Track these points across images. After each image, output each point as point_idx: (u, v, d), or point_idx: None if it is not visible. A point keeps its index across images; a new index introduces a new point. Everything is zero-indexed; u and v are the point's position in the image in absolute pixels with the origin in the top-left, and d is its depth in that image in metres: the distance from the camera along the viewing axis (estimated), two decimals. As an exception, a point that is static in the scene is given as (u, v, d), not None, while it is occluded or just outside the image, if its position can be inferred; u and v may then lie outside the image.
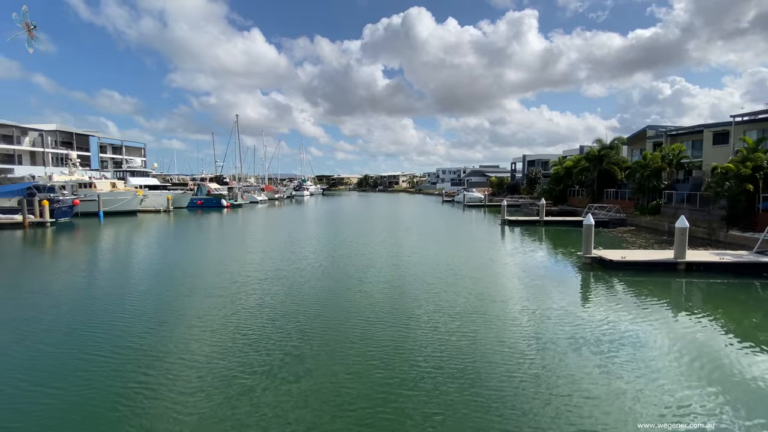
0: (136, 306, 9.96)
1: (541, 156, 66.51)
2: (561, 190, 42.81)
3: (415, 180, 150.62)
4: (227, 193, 53.85)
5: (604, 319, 9.13)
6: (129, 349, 7.36)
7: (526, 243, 21.21)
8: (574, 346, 7.58)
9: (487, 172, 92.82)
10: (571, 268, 14.78)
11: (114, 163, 69.10)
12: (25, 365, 6.77)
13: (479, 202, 54.28)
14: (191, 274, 13.96)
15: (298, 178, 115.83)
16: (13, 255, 18.91)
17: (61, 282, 12.99)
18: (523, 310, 9.71)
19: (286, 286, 11.77)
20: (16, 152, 52.93)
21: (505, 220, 30.18)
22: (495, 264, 15.65)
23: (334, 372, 6.52)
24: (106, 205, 35.96)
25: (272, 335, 8.01)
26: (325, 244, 20.29)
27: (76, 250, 20.36)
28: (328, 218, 37.67)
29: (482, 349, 7.37)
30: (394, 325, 8.60)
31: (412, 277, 12.97)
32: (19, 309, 9.85)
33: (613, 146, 36.25)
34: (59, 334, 8.17)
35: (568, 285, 12.54)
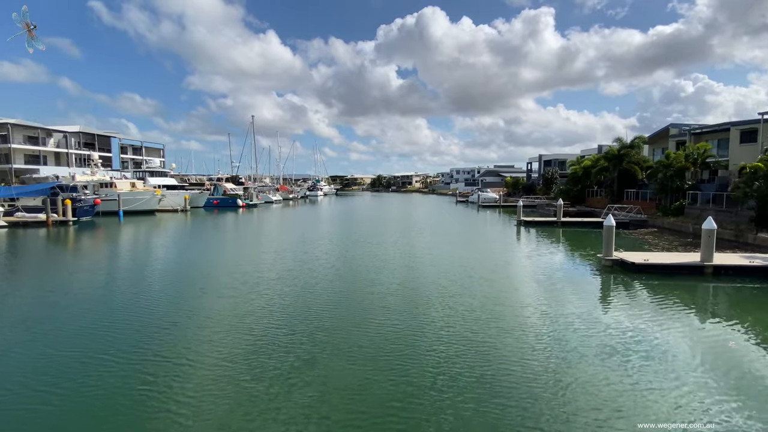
0: (151, 305, 10.04)
1: (557, 156, 65.26)
2: (579, 191, 41.88)
3: (428, 180, 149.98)
4: (243, 193, 54.57)
5: (626, 324, 8.77)
6: (143, 349, 7.39)
7: (543, 244, 20.75)
8: (595, 352, 7.28)
9: (502, 172, 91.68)
10: (590, 271, 14.35)
11: (134, 164, 70.82)
12: (39, 364, 6.84)
13: (494, 203, 53.59)
14: (206, 273, 14.09)
15: (312, 179, 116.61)
16: (36, 253, 19.45)
17: (80, 281, 13.25)
18: (541, 314, 9.41)
19: (299, 287, 11.71)
20: (41, 153, 54.75)
21: (521, 220, 29.65)
22: (511, 266, 15.31)
23: (345, 376, 6.39)
24: (125, 204, 36.83)
25: (284, 337, 7.92)
26: (338, 244, 20.25)
27: (97, 248, 20.83)
28: (341, 218, 37.73)
29: (498, 355, 7.13)
30: (407, 328, 8.42)
31: (426, 279, 12.75)
32: (38, 307, 10.06)
33: (633, 145, 35.24)
34: (74, 333, 8.26)
35: (588, 288, 12.16)
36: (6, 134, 49.64)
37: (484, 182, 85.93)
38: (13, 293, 11.59)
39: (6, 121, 49.71)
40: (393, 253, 17.28)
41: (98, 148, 59.27)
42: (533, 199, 49.69)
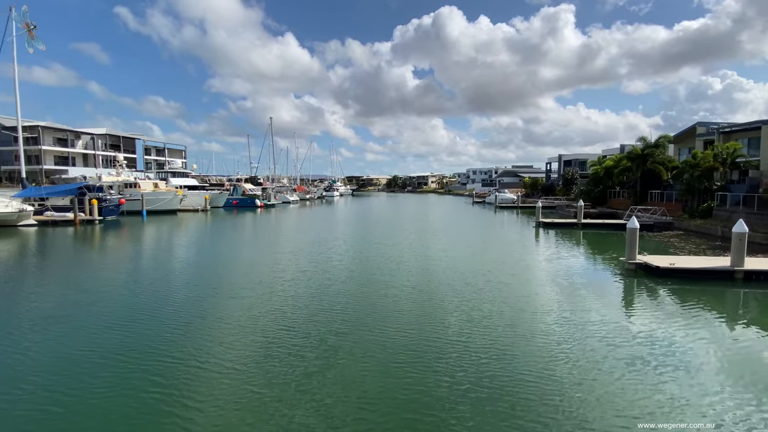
0: (169, 305, 10.19)
1: (578, 156, 63.85)
2: (600, 192, 40.84)
3: (444, 181, 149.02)
4: (261, 193, 55.42)
5: (650, 330, 8.46)
6: (157, 349, 7.46)
7: (563, 247, 20.28)
8: (618, 361, 7.04)
9: (520, 173, 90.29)
10: (612, 275, 13.92)
11: (157, 165, 72.82)
12: (55, 364, 6.93)
13: (512, 204, 52.82)
14: (224, 274, 14.34)
15: (328, 179, 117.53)
16: (63, 251, 20.19)
17: (102, 279, 13.65)
18: (562, 320, 9.16)
19: (313, 289, 11.70)
20: (70, 154, 56.91)
21: (540, 222, 29.10)
22: (530, 269, 14.96)
23: (358, 383, 6.26)
24: (148, 204, 37.90)
25: (297, 341, 7.84)
26: (353, 245, 20.28)
27: (120, 247, 21.48)
28: (357, 219, 37.84)
29: (516, 363, 6.92)
30: (422, 335, 8.23)
31: (441, 282, 12.52)
32: (60, 306, 10.29)
33: (658, 144, 34.13)
34: (92, 333, 8.38)
35: (610, 293, 11.77)
36: (37, 136, 51.80)
37: (502, 183, 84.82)
38: (37, 291, 11.96)
39: (37, 124, 51.88)
40: (408, 255, 17.16)
41: (123, 150, 61.33)
42: (553, 200, 48.74)
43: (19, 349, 7.49)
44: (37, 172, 49.76)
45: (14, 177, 45.56)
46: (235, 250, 19.67)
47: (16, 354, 7.28)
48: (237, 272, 14.31)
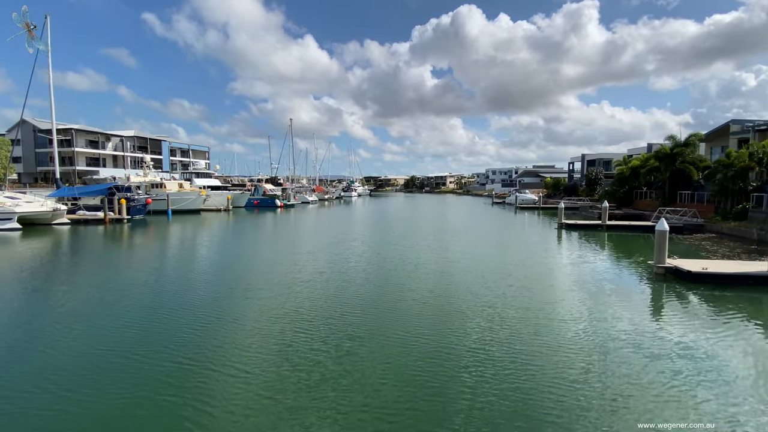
0: (188, 305, 10.20)
1: (602, 155, 62.12)
2: (626, 192, 39.59)
3: (463, 181, 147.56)
4: (281, 193, 56.31)
5: (682, 338, 8.11)
6: (173, 349, 7.47)
7: (587, 249, 19.73)
8: (648, 370, 6.77)
9: (541, 173, 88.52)
10: (640, 280, 13.42)
11: (182, 165, 74.97)
12: (75, 362, 6.99)
13: (532, 204, 51.84)
14: (243, 273, 14.59)
15: (346, 180, 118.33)
16: (94, 248, 20.99)
17: (127, 277, 14.04)
18: (587, 327, 8.87)
19: (330, 290, 11.62)
20: (100, 156, 59.25)
21: (563, 223, 28.42)
22: (553, 273, 14.55)
23: (375, 389, 6.09)
24: (173, 204, 39.06)
25: (312, 344, 7.70)
26: (370, 246, 20.25)
27: (146, 245, 22.19)
28: (374, 219, 37.89)
29: (542, 374, 6.62)
30: (441, 340, 7.97)
31: (460, 286, 12.24)
32: (84, 303, 10.49)
33: (688, 143, 32.78)
34: (113, 331, 8.49)
35: (639, 298, 11.30)
36: (70, 138, 54.15)
37: (522, 183, 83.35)
38: (64, 289, 12.34)
39: (70, 127, 54.26)
40: (426, 257, 16.99)
41: (150, 151, 63.37)
42: (575, 201, 47.56)
43: (39, 346, 7.67)
44: (70, 173, 52.06)
45: (49, 177, 47.77)
46: (256, 249, 20.02)
47: (36, 351, 7.44)
48: (256, 272, 14.54)
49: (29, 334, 8.39)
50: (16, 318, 9.47)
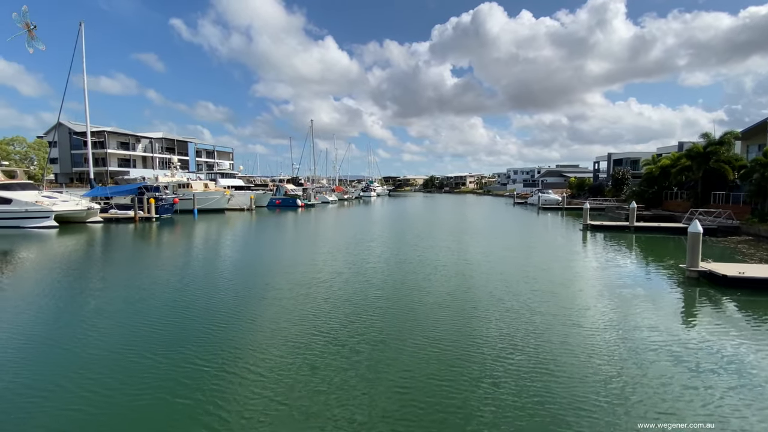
0: (209, 305, 10.27)
1: (629, 154, 60.14)
2: (655, 193, 38.19)
3: (483, 181, 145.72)
4: (302, 193, 57.11)
5: (717, 347, 7.76)
6: (191, 350, 7.47)
7: (615, 252, 19.12)
8: (682, 381, 6.50)
9: (565, 172, 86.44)
10: (671, 284, 12.91)
11: (207, 166, 77.06)
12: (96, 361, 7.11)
13: (556, 205, 50.68)
14: (264, 273, 14.82)
15: (365, 180, 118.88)
16: (124, 246, 21.83)
17: (154, 275, 14.50)
18: (617, 335, 8.54)
19: (347, 292, 11.50)
20: (131, 157, 61.59)
21: (588, 225, 27.66)
22: (578, 276, 14.07)
23: (392, 398, 5.90)
24: (199, 203, 40.23)
25: (328, 347, 7.55)
26: (389, 247, 20.15)
27: (173, 243, 22.90)
28: (393, 219, 37.87)
29: (568, 386, 6.26)
30: (462, 347, 7.64)
31: (481, 289, 11.88)
32: (109, 301, 10.72)
33: (723, 141, 31.30)
34: (134, 329, 8.58)
35: (670, 304, 10.82)
36: (103, 140, 56.51)
37: (545, 183, 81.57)
38: (93, 286, 12.72)
39: (103, 129, 56.62)
40: (445, 259, 16.77)
41: (177, 152, 65.44)
42: (601, 202, 46.24)
43: (62, 344, 7.79)
44: (103, 174, 54.31)
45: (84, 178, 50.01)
46: (277, 249, 20.36)
47: (58, 349, 7.63)
48: (277, 272, 14.67)
49: (56, 330, 8.62)
50: (46, 313, 9.90)
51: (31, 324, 8.98)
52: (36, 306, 10.36)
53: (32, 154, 59.99)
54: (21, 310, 10.02)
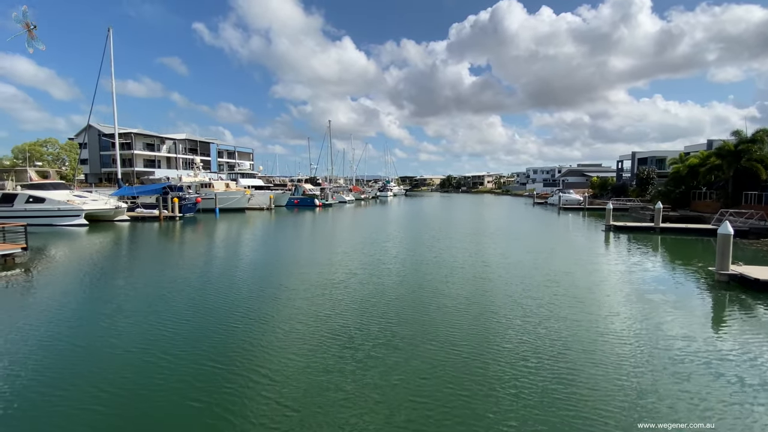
0: (226, 305, 10.30)
1: (654, 153, 58.31)
2: (682, 193, 36.85)
3: (501, 180, 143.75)
4: (319, 193, 57.71)
5: (749, 354, 7.48)
6: (205, 350, 7.48)
7: (639, 254, 18.56)
8: (711, 392, 6.29)
9: (586, 172, 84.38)
10: (699, 287, 12.46)
11: (228, 167, 78.71)
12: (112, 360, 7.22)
13: (577, 205, 49.57)
14: (281, 272, 14.99)
15: (382, 180, 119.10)
16: (149, 243, 22.58)
17: (176, 273, 14.87)
18: (642, 342, 8.30)
19: (362, 294, 11.40)
20: (156, 158, 63.52)
21: (610, 225, 26.96)
22: (601, 280, 13.63)
23: (406, 407, 5.71)
24: (221, 202, 41.18)
25: (343, 352, 7.40)
26: (404, 248, 20.01)
27: (196, 241, 23.51)
28: (409, 219, 37.78)
29: (592, 398, 5.93)
30: (480, 354, 7.38)
31: (500, 294, 11.53)
32: (130, 300, 11.00)
33: (755, 139, 29.94)
34: (150, 328, 8.76)
35: (698, 308, 10.44)
36: (130, 142, 58.48)
37: (566, 182, 79.86)
38: (116, 284, 13.09)
39: (130, 131, 58.57)
40: (463, 261, 16.53)
41: (200, 153, 67.12)
42: (625, 202, 44.94)
43: (81, 341, 7.97)
44: (130, 174, 56.19)
45: (112, 178, 51.89)
46: (294, 248, 20.64)
47: (74, 347, 7.75)
48: (294, 272, 14.75)
49: (72, 328, 8.91)
50: (71, 309, 10.35)
51: (56, 320, 9.33)
52: (62, 303, 10.84)
53: (64, 155, 62.66)
54: (47, 307, 10.47)
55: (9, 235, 17.15)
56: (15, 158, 58.33)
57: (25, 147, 58.79)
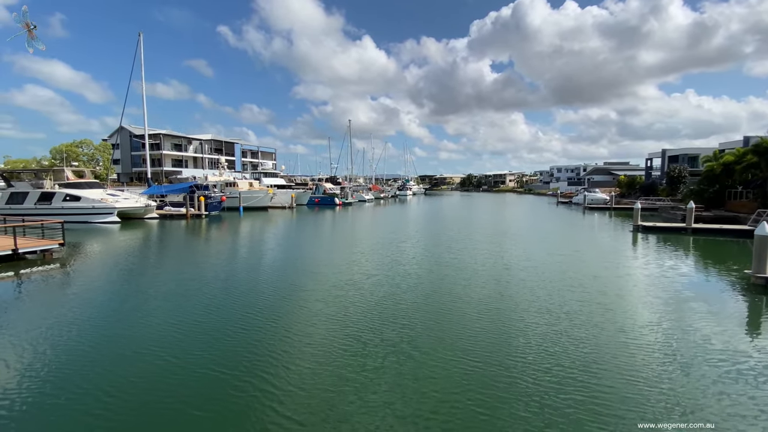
0: (244, 304, 10.30)
1: (686, 150, 55.84)
2: (716, 192, 35.16)
3: (524, 179, 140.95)
4: (340, 192, 58.21)
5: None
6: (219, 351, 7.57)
7: (668, 255, 17.82)
8: (751, 402, 6.04)
9: (613, 170, 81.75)
10: (733, 291, 11.89)
11: (252, 166, 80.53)
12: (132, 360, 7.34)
13: (603, 205, 48.12)
14: (303, 271, 15.09)
15: (401, 179, 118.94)
16: (176, 241, 23.37)
17: (199, 271, 15.23)
18: (673, 348, 7.98)
19: (379, 296, 11.16)
20: (183, 158, 65.61)
21: (639, 226, 26.06)
22: (629, 283, 12.95)
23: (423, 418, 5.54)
24: (244, 201, 42.20)
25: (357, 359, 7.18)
26: (423, 249, 19.54)
27: (220, 239, 24.18)
28: (428, 219, 37.54)
29: (618, 407, 5.67)
30: (499, 361, 7.09)
31: (522, 299, 10.88)
32: (152, 298, 11.32)
33: (798, 136, 28.30)
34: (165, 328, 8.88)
35: (731, 313, 9.94)
36: (159, 142, 60.62)
37: (592, 181, 77.61)
38: (143, 281, 13.54)
39: (159, 132, 60.71)
40: (483, 263, 16.07)
41: (225, 153, 68.98)
42: (654, 201, 43.30)
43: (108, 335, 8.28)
44: (159, 173, 58.29)
45: (142, 177, 53.97)
46: (315, 247, 20.92)
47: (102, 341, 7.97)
48: (312, 272, 14.71)
49: (108, 322, 9.32)
50: (102, 304, 10.83)
51: (88, 313, 9.79)
52: (95, 297, 11.40)
53: (98, 156, 65.63)
54: (81, 300, 11.02)
55: (47, 232, 18.17)
56: (53, 158, 61.55)
57: (62, 148, 61.96)
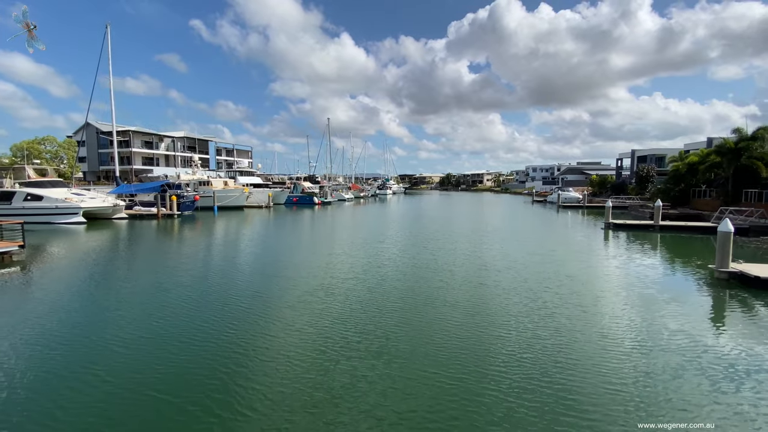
0: (224, 300, 10.44)
1: (654, 151, 58.33)
2: (681, 191, 36.84)
3: (501, 179, 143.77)
4: (318, 191, 57.61)
5: (748, 352, 7.43)
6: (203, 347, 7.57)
7: (638, 252, 18.52)
8: (712, 388, 6.24)
9: (586, 170, 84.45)
10: (699, 285, 12.42)
11: (227, 164, 78.56)
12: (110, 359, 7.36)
13: (576, 203, 49.56)
14: (280, 270, 14.84)
15: (381, 178, 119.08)
16: (147, 242, 22.45)
17: (173, 271, 14.73)
18: (641, 340, 8.24)
19: (359, 297, 11.25)
20: (154, 156, 63.31)
21: (610, 223, 26.93)
22: (601, 278, 13.46)
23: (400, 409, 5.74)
24: (219, 200, 41.11)
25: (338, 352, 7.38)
26: (402, 248, 19.68)
27: (194, 240, 23.38)
28: (408, 218, 37.66)
29: (590, 395, 5.97)
30: (476, 357, 7.19)
31: (499, 295, 11.14)
32: (127, 299, 11.09)
33: (756, 137, 29.91)
34: (151, 323, 8.87)
35: (697, 306, 10.37)
36: (128, 140, 58.27)
37: (565, 181, 79.91)
38: (113, 283, 13.15)
39: (128, 129, 58.35)
40: (461, 261, 16.29)
41: (198, 151, 66.95)
42: (624, 200, 44.94)
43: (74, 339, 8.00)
44: (128, 172, 56.01)
45: (110, 176, 51.71)
46: (292, 247, 20.54)
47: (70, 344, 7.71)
48: (289, 272, 14.57)
49: (73, 325, 8.97)
50: (66, 308, 10.28)
51: (52, 317, 9.30)
52: (59, 300, 10.78)
53: (62, 153, 62.49)
54: (44, 304, 10.41)
55: (6, 233, 17.05)
56: (14, 156, 58.17)
57: (23, 145, 58.62)
